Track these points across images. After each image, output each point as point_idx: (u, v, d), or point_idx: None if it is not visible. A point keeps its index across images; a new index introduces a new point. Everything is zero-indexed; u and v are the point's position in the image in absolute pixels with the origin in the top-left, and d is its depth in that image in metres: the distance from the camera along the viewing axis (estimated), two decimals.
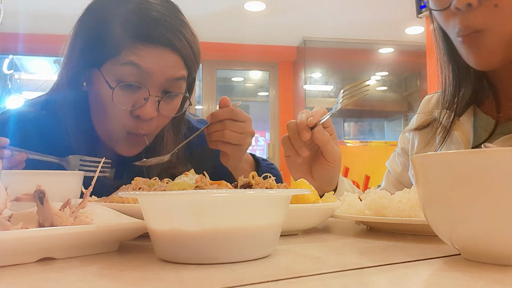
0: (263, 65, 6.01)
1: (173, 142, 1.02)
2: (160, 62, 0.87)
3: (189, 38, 0.91)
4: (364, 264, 0.40)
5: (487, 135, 0.87)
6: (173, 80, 0.90)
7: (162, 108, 0.91)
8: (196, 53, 0.94)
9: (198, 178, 0.59)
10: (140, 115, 0.89)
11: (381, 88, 6.37)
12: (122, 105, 0.88)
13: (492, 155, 0.36)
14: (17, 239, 0.39)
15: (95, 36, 0.90)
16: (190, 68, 0.94)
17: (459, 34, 0.79)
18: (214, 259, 0.40)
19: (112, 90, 0.87)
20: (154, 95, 0.89)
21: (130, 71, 0.86)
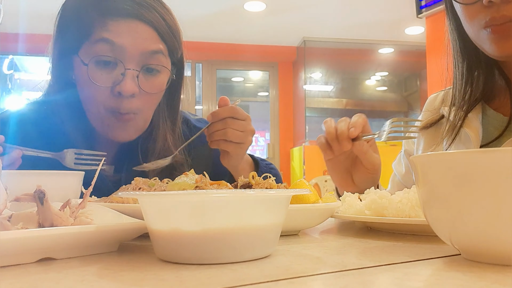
0: (263, 65, 6.01)
1: (170, 131, 1.01)
2: (132, 35, 0.87)
3: (160, 10, 0.92)
4: (364, 264, 0.40)
5: (498, 133, 0.85)
6: (150, 53, 0.89)
7: (143, 84, 0.89)
8: (172, 26, 0.94)
9: (198, 178, 0.59)
10: (120, 91, 0.87)
11: (381, 88, 6.37)
12: (101, 83, 0.87)
13: (492, 155, 0.36)
14: (17, 239, 0.39)
15: (69, 23, 0.91)
16: (168, 42, 0.93)
17: (489, 24, 0.77)
18: (214, 259, 0.40)
19: (87, 67, 0.87)
20: (132, 69, 0.88)
21: (104, 47, 0.86)
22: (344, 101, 6.15)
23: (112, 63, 0.88)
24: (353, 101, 6.22)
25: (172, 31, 0.94)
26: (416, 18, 3.76)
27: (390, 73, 6.23)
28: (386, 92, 6.38)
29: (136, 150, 0.97)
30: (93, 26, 0.87)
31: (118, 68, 0.88)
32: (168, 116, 1.01)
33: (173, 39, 0.94)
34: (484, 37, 0.80)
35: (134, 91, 0.88)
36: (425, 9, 3.56)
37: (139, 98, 0.90)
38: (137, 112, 0.91)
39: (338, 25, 5.02)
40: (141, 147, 0.98)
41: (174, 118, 1.03)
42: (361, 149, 0.86)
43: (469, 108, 0.89)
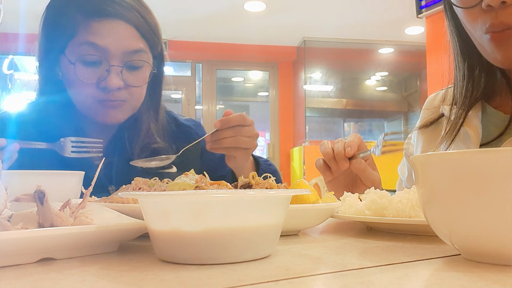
0: (263, 65, 6.01)
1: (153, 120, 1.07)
2: (114, 35, 0.94)
3: (139, 9, 0.98)
4: (364, 264, 0.40)
5: (498, 131, 0.84)
6: (132, 52, 0.96)
7: (127, 78, 0.96)
8: (151, 24, 1.00)
9: (198, 178, 0.59)
10: (106, 86, 0.94)
11: (381, 88, 6.37)
12: (87, 79, 0.94)
13: (492, 155, 0.35)
14: (17, 239, 0.39)
15: (55, 24, 0.97)
16: (148, 39, 0.99)
17: (489, 30, 0.76)
18: (214, 260, 0.40)
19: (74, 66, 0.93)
20: (116, 65, 0.94)
21: (88, 49, 0.93)
22: (344, 101, 6.16)
23: (97, 61, 0.94)
24: (353, 101, 6.22)
25: (152, 28, 1.00)
26: (416, 18, 3.76)
27: (390, 73, 6.23)
28: (386, 92, 6.38)
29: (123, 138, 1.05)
30: (77, 27, 0.94)
31: (103, 65, 0.95)
32: (150, 106, 1.08)
33: (153, 36, 1.01)
34: (485, 43, 0.78)
35: (119, 85, 0.95)
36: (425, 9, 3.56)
37: (125, 90, 0.97)
38: (125, 100, 0.98)
39: (338, 25, 5.01)
40: (127, 135, 1.05)
41: (156, 108, 1.09)
42: (359, 167, 0.89)
43: (469, 106, 0.88)
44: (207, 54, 5.66)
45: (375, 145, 0.87)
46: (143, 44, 0.98)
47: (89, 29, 0.93)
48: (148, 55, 1.00)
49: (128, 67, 0.97)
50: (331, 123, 6.38)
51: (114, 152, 1.05)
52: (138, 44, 0.97)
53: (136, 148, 1.04)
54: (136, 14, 0.97)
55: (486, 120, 0.88)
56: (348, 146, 0.88)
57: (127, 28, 0.95)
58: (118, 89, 0.95)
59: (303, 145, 5.16)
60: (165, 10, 4.36)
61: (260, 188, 0.64)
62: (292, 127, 5.94)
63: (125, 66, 0.96)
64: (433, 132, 0.95)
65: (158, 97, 1.10)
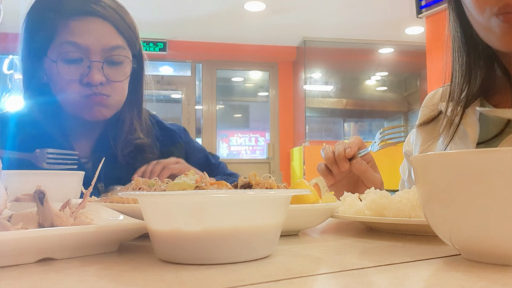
0: (263, 65, 6.01)
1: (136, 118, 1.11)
2: (92, 33, 0.98)
3: (115, 7, 1.02)
4: (364, 264, 0.40)
5: (497, 130, 0.83)
6: (111, 48, 1.00)
7: (108, 73, 1.00)
8: (128, 22, 1.04)
9: (198, 178, 0.59)
10: (89, 81, 0.98)
11: (381, 88, 6.37)
12: (70, 76, 0.97)
13: (492, 155, 0.35)
14: (17, 239, 0.39)
15: (36, 26, 1.00)
16: (126, 36, 1.03)
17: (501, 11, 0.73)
18: (214, 260, 0.40)
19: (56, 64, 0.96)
20: (96, 61, 0.98)
21: (69, 47, 0.97)
22: (344, 101, 6.16)
23: (78, 58, 0.98)
24: (353, 101, 6.22)
25: (129, 26, 1.04)
26: (416, 18, 3.76)
27: (390, 73, 6.23)
28: (386, 92, 6.38)
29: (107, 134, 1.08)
30: (57, 28, 0.97)
31: (84, 62, 0.98)
32: (133, 105, 1.11)
33: (130, 34, 1.05)
34: (495, 26, 0.75)
35: (101, 79, 0.98)
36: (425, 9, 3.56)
37: (108, 85, 1.01)
38: (109, 95, 1.01)
39: (338, 25, 5.02)
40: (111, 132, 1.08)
41: (139, 107, 1.13)
42: (360, 168, 0.90)
43: (467, 103, 0.87)
44: (207, 54, 5.66)
45: (373, 141, 0.88)
46: (121, 41, 1.02)
47: (68, 29, 0.96)
48: (127, 51, 1.04)
49: (109, 62, 1.00)
50: (331, 123, 6.38)
51: (101, 151, 1.07)
52: (116, 40, 1.01)
53: (119, 143, 1.07)
54: (112, 12, 1.01)
55: (484, 118, 0.87)
56: (348, 147, 0.89)
57: (105, 26, 0.99)
58: (101, 84, 0.99)
59: (303, 145, 5.16)
60: (165, 10, 4.36)
61: (260, 188, 0.64)
62: (292, 127, 5.94)
63: (105, 61, 0.99)
64: (432, 130, 0.94)
65: (140, 95, 1.13)
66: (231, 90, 6.34)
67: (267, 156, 5.91)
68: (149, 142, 1.10)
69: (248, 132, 6.24)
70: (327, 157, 0.92)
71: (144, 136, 1.10)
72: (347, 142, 0.92)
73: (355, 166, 0.89)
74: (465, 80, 0.87)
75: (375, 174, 0.93)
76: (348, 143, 0.90)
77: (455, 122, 0.87)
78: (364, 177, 0.91)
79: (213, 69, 5.91)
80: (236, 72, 6.21)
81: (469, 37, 0.84)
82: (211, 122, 5.92)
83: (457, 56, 0.88)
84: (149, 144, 1.10)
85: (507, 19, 0.73)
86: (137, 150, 1.07)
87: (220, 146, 6.06)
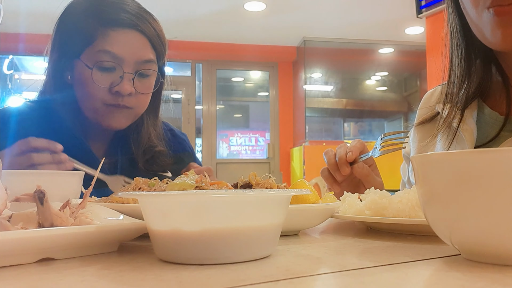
0: (263, 65, 6.01)
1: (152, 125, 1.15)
2: (129, 45, 1.01)
3: (151, 21, 1.06)
4: (364, 264, 0.40)
5: (494, 132, 0.82)
6: (144, 62, 1.03)
7: (137, 85, 1.03)
8: (161, 36, 1.08)
9: (198, 178, 0.59)
10: (119, 90, 1.00)
11: (381, 88, 6.37)
12: (102, 84, 1.00)
13: (492, 155, 0.35)
14: (17, 240, 0.39)
15: (72, 30, 1.03)
16: (158, 51, 1.07)
17: (494, 4, 0.71)
18: (214, 260, 0.40)
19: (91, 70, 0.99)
20: (128, 73, 1.01)
21: (105, 56, 0.99)
22: (344, 101, 6.16)
23: (112, 67, 1.00)
24: (353, 101, 6.22)
25: (161, 40, 1.08)
26: (416, 18, 3.76)
27: (390, 73, 6.23)
28: (386, 92, 6.38)
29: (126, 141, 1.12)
30: (95, 35, 0.99)
31: (117, 72, 1.01)
32: (151, 113, 1.15)
33: (161, 48, 1.09)
34: (486, 20, 0.73)
35: (131, 91, 1.01)
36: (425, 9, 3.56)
37: (134, 97, 1.04)
38: (132, 107, 1.05)
39: (338, 25, 5.02)
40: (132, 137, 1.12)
41: (156, 114, 1.17)
42: (362, 172, 0.90)
43: (464, 105, 0.86)
44: (207, 54, 5.66)
45: (374, 147, 0.88)
46: (153, 55, 1.06)
47: (107, 38, 0.99)
48: (155, 65, 1.08)
49: (139, 75, 1.03)
50: (331, 123, 6.38)
51: (117, 151, 1.11)
52: (149, 54, 1.05)
53: (139, 150, 1.11)
54: (149, 25, 1.04)
55: (482, 120, 0.86)
56: (349, 151, 0.89)
57: (141, 39, 1.03)
58: (129, 95, 1.01)
59: (303, 145, 5.16)
60: (165, 10, 4.36)
61: (260, 188, 0.64)
62: (292, 127, 5.94)
63: (136, 74, 1.02)
64: (429, 130, 0.94)
65: (158, 104, 1.18)
66: (231, 90, 6.34)
67: (267, 156, 5.91)
68: (165, 151, 1.14)
69: (248, 132, 6.24)
70: (329, 163, 0.92)
71: (159, 143, 1.15)
72: (348, 146, 0.91)
73: (356, 170, 0.89)
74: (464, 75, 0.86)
75: (376, 178, 0.93)
76: (350, 147, 0.90)
77: (453, 126, 0.86)
78: (365, 181, 0.92)
79: (213, 69, 5.91)
80: (236, 72, 6.21)
81: (467, 33, 0.83)
82: (211, 122, 5.92)
83: (456, 49, 0.87)
84: (165, 153, 1.14)
85: (498, 12, 0.71)
86: (154, 158, 1.11)
87: (220, 146, 6.06)
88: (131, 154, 1.10)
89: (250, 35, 5.29)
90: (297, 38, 5.47)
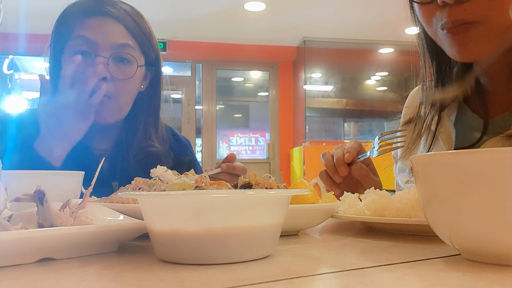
0: (263, 65, 6.01)
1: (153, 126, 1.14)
2: (103, 30, 1.03)
3: (128, 10, 1.08)
4: (364, 264, 0.40)
5: (475, 134, 0.82)
6: (119, 46, 1.04)
7: (113, 70, 1.03)
8: (141, 26, 1.09)
9: (198, 178, 0.59)
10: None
11: (381, 88, 6.37)
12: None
13: (492, 155, 0.35)
14: (17, 240, 0.39)
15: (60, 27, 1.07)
16: (138, 39, 1.07)
17: (445, 27, 0.73)
18: (214, 260, 0.40)
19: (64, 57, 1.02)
20: (102, 56, 1.02)
21: (80, 42, 1.03)
22: (344, 101, 6.15)
23: (88, 53, 1.02)
24: (353, 101, 6.22)
25: (143, 31, 1.09)
26: None
27: (390, 73, 6.23)
28: (386, 92, 6.38)
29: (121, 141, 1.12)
30: (74, 26, 1.04)
31: (92, 57, 1.02)
32: (148, 112, 1.14)
33: (143, 38, 1.09)
34: (442, 38, 0.76)
35: (105, 75, 1.01)
36: None
37: (111, 83, 1.03)
38: (110, 96, 1.03)
39: (338, 25, 5.01)
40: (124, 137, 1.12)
41: (155, 115, 1.16)
42: (360, 173, 0.89)
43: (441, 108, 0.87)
44: (207, 54, 5.66)
45: (372, 147, 0.88)
46: (131, 42, 1.06)
47: (82, 25, 1.03)
48: (136, 52, 1.07)
49: (115, 60, 1.04)
50: (331, 123, 6.38)
51: (118, 153, 1.12)
52: (125, 39, 1.05)
53: (131, 149, 1.11)
54: (126, 15, 1.06)
55: (462, 122, 0.86)
56: (347, 152, 0.89)
57: (116, 26, 1.05)
58: (104, 79, 1.00)
59: (303, 145, 5.16)
60: (165, 10, 4.36)
61: (260, 188, 0.64)
62: (292, 127, 5.94)
63: (112, 58, 1.03)
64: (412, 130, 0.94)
65: (157, 104, 1.17)
66: (231, 90, 6.33)
67: (267, 156, 5.91)
68: (164, 151, 1.14)
69: (248, 132, 6.24)
70: (327, 165, 0.92)
71: (159, 145, 1.14)
72: (346, 146, 0.91)
73: (354, 170, 0.89)
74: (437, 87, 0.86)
75: (374, 178, 0.93)
76: (347, 148, 0.90)
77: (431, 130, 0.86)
78: (364, 181, 0.91)
79: (213, 69, 5.91)
80: (236, 72, 6.21)
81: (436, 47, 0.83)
82: (211, 122, 5.92)
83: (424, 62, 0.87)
84: (164, 153, 1.13)
85: (452, 33, 0.73)
86: (151, 157, 1.10)
87: (220, 146, 6.06)
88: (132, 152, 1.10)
89: (250, 35, 5.29)
90: (297, 38, 5.47)
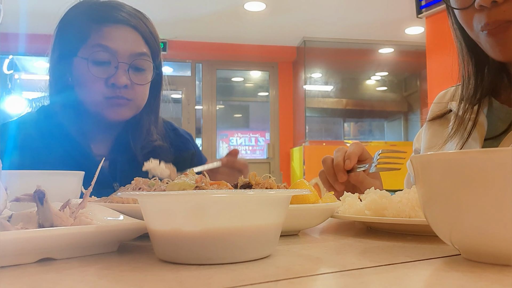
0: (263, 65, 6.00)
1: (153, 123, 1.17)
2: (122, 39, 1.05)
3: (142, 18, 1.11)
4: (364, 264, 0.40)
5: (504, 126, 0.85)
6: (137, 55, 1.07)
7: (133, 77, 1.06)
8: (153, 33, 1.12)
9: (198, 178, 0.59)
10: (114, 82, 1.04)
11: (381, 88, 6.37)
12: (99, 75, 1.04)
13: (492, 155, 0.36)
14: (17, 239, 0.39)
15: (69, 30, 1.07)
16: (151, 46, 1.11)
17: (485, 28, 0.77)
18: (214, 260, 0.40)
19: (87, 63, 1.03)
20: (123, 62, 1.05)
21: (100, 50, 1.03)
22: (344, 101, 6.15)
23: (107, 61, 1.04)
24: (353, 101, 6.22)
25: (154, 37, 1.12)
26: (416, 18, 3.76)
27: (390, 73, 6.23)
28: (386, 92, 6.38)
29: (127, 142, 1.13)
30: (90, 32, 1.04)
31: (112, 64, 1.04)
32: (151, 111, 1.17)
33: (154, 44, 1.12)
34: (484, 40, 0.79)
35: (126, 82, 1.04)
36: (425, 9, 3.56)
37: (131, 89, 1.06)
38: (130, 99, 1.07)
39: (338, 25, 5.01)
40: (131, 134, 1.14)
41: (156, 113, 1.19)
42: (357, 179, 0.90)
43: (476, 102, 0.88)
44: (207, 54, 5.66)
45: (371, 162, 0.89)
46: (146, 49, 1.09)
47: (100, 33, 1.04)
48: (150, 59, 1.11)
49: (134, 68, 1.07)
50: (331, 123, 6.38)
51: (118, 152, 1.13)
52: (142, 48, 1.08)
53: (138, 144, 1.13)
54: (141, 22, 1.09)
55: (492, 114, 0.88)
56: (347, 158, 0.89)
57: (133, 34, 1.07)
58: (125, 86, 1.04)
59: (303, 145, 5.16)
60: (165, 10, 4.36)
61: (260, 188, 0.64)
62: (292, 127, 5.94)
63: (131, 66, 1.06)
64: (440, 126, 0.96)
65: (158, 102, 1.20)
66: (231, 90, 6.33)
67: (267, 156, 5.91)
68: (165, 146, 1.17)
69: (248, 132, 6.24)
70: (328, 173, 0.92)
71: (161, 140, 1.17)
72: (346, 150, 0.91)
73: (352, 177, 0.90)
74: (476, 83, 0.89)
75: (372, 181, 0.93)
76: (348, 153, 0.90)
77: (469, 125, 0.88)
78: (360, 186, 0.92)
79: (213, 69, 5.91)
80: (236, 72, 6.21)
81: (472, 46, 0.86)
82: (211, 122, 5.92)
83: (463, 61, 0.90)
84: (165, 148, 1.16)
85: (491, 33, 0.77)
86: (154, 152, 1.12)
87: (220, 146, 6.06)
88: (132, 154, 1.11)
89: (250, 35, 5.29)
90: (297, 38, 5.47)
